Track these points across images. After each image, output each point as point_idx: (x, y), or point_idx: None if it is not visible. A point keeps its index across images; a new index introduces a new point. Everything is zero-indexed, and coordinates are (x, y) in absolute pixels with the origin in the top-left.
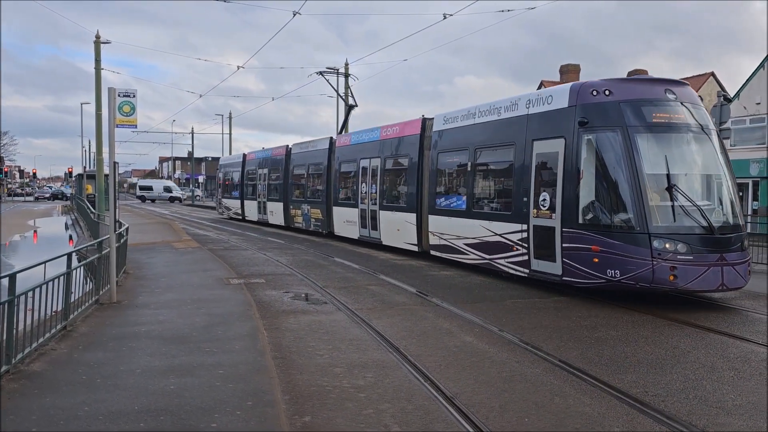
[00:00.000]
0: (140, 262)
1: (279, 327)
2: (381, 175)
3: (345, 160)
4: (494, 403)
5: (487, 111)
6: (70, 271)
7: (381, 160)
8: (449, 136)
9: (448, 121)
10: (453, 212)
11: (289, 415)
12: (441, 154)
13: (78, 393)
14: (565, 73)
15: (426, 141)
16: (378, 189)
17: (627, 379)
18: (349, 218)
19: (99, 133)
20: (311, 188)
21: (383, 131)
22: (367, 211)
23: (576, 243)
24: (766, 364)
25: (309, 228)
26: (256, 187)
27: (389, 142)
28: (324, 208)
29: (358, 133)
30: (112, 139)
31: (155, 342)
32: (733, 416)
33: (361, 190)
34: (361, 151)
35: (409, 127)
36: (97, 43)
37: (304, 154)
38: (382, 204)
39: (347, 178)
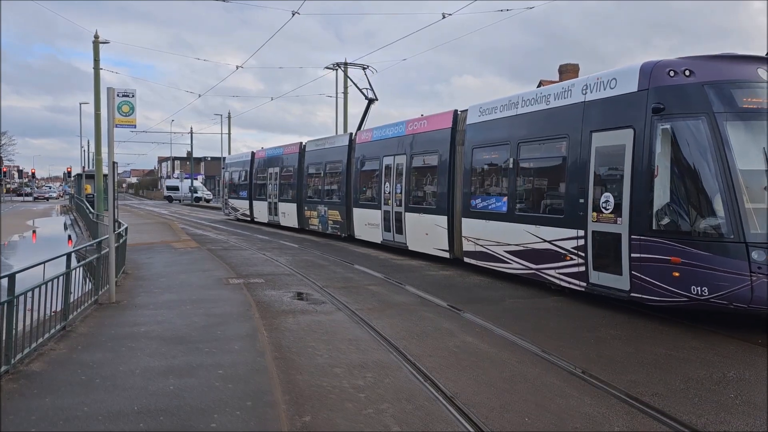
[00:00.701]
0: (139, 263)
1: (278, 327)
2: (407, 173)
3: (366, 157)
4: (495, 403)
5: (532, 100)
6: (69, 271)
7: (407, 158)
8: (486, 130)
9: (485, 112)
10: (491, 215)
11: (289, 416)
12: (477, 150)
13: (77, 393)
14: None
15: (458, 136)
16: (403, 189)
17: (628, 378)
18: (371, 221)
19: (98, 133)
20: (328, 188)
21: (409, 126)
22: (391, 213)
23: (649, 253)
24: (766, 364)
25: (326, 231)
26: (267, 187)
27: (416, 138)
28: (343, 210)
29: (381, 128)
30: (111, 139)
31: (154, 342)
32: (734, 415)
33: (385, 191)
34: (385, 147)
35: (438, 121)
36: (95, 43)
37: (320, 152)
38: (408, 205)
39: (369, 177)
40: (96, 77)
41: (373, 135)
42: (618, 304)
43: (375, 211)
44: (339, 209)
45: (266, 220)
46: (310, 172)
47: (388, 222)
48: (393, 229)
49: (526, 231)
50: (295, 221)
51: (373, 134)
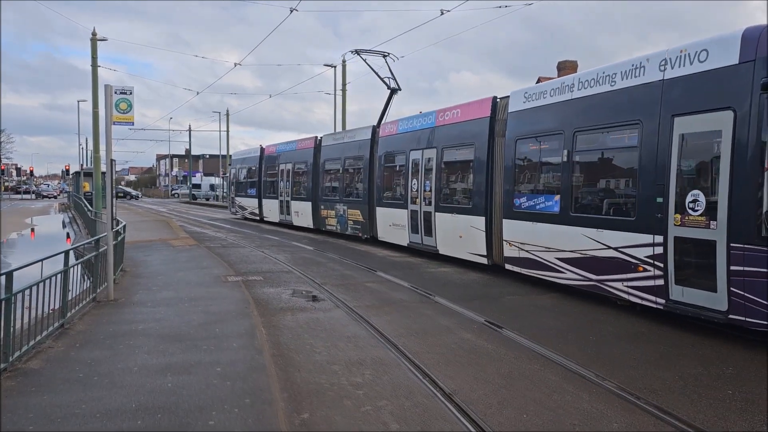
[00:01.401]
0: (138, 260)
1: (277, 325)
2: (437, 169)
3: (391, 152)
4: (493, 399)
5: (592, 81)
6: (67, 269)
7: (437, 152)
8: (533, 118)
9: (531, 98)
10: (540, 216)
11: (287, 413)
12: (521, 142)
13: (75, 391)
14: (563, 69)
15: (498, 126)
16: (433, 186)
17: (626, 375)
18: (397, 221)
19: (96, 131)
20: (348, 186)
21: (440, 116)
22: (420, 213)
23: (757, 266)
24: (766, 364)
25: (345, 231)
26: (278, 185)
27: (448, 130)
28: (365, 209)
29: (408, 119)
30: (109, 136)
31: (152, 340)
32: (732, 411)
33: (412, 188)
34: (412, 141)
35: (473, 110)
36: (93, 41)
37: (338, 147)
38: (439, 205)
39: (394, 174)
40: (94, 75)
41: (399, 127)
42: (613, 303)
43: (401, 211)
44: (360, 208)
45: (277, 220)
46: (327, 169)
47: (416, 223)
48: (421, 231)
49: (585, 235)
50: (309, 221)
51: (398, 126)
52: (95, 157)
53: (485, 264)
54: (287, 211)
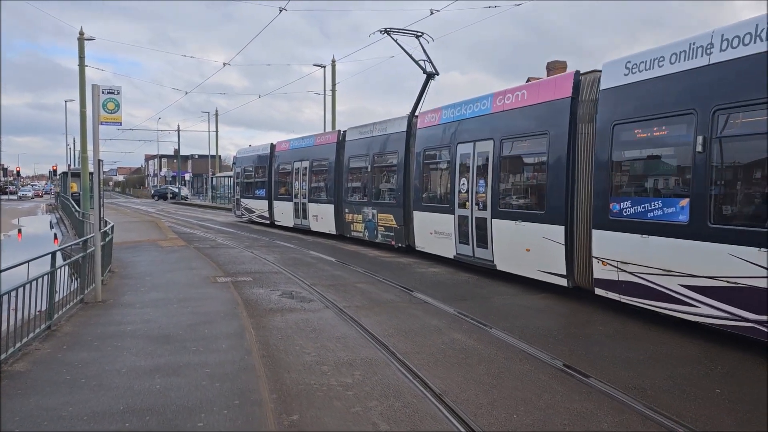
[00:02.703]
0: (126, 261)
1: (266, 326)
2: (494, 166)
3: (432, 145)
4: (483, 399)
5: (740, 37)
6: (54, 270)
7: (495, 144)
8: (640, 96)
9: (638, 68)
10: (655, 227)
11: (277, 414)
12: (622, 127)
13: (62, 393)
14: (552, 69)
15: (583, 108)
16: (489, 187)
17: (615, 375)
18: (440, 228)
19: (83, 131)
20: (378, 186)
21: (497, 100)
22: (470, 220)
23: None
24: (766, 364)
25: (374, 239)
26: (292, 185)
27: (509, 116)
28: (399, 213)
29: (453, 106)
30: (97, 136)
31: (141, 341)
32: (721, 409)
33: (460, 189)
34: (459, 131)
35: (547, 90)
36: (80, 40)
37: (365, 141)
38: (497, 209)
39: (436, 172)
40: (81, 74)
41: (442, 116)
42: (605, 303)
43: (445, 217)
44: (393, 213)
45: (291, 224)
46: (353, 167)
47: (466, 231)
48: (473, 241)
49: (735, 256)
50: (331, 226)
51: (441, 115)
52: (83, 157)
53: (564, 285)
54: (303, 215)
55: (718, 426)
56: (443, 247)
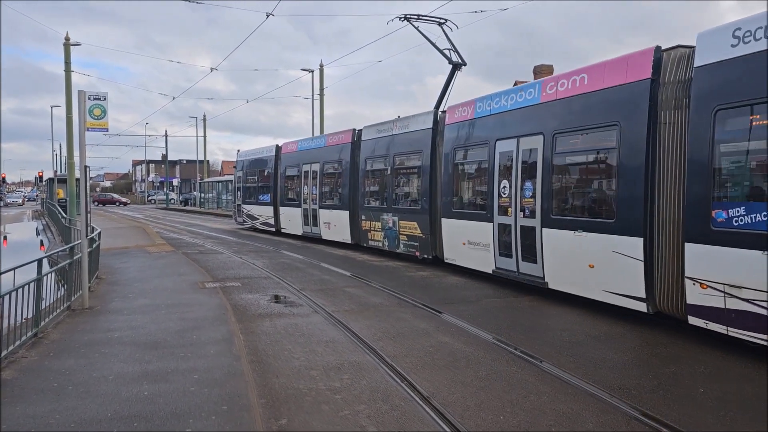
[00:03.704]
0: (113, 267)
1: (255, 331)
2: (544, 164)
3: (464, 143)
4: (470, 402)
5: None
6: (40, 277)
7: (545, 140)
8: (758, 71)
9: (751, 37)
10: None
11: (265, 419)
12: (727, 114)
13: (49, 401)
14: (539, 73)
15: (667, 92)
16: (538, 189)
17: (601, 375)
18: (474, 238)
19: (70, 137)
20: (400, 190)
21: (548, 87)
22: (514, 228)
23: None
24: (737, 363)
25: (395, 249)
26: (301, 189)
27: (564, 106)
28: (424, 221)
29: (491, 98)
30: (83, 142)
31: (128, 348)
32: (702, 409)
33: (500, 192)
34: (499, 126)
35: (617, 71)
36: (66, 45)
37: (384, 141)
38: (549, 217)
39: (470, 173)
40: (67, 80)
41: (477, 110)
42: (591, 305)
43: (482, 225)
44: (418, 220)
45: (299, 232)
46: (370, 169)
47: (508, 242)
48: (517, 254)
49: None
50: (346, 234)
51: (475, 109)
52: (69, 163)
53: (642, 311)
54: (314, 222)
55: (702, 425)
56: (478, 259)
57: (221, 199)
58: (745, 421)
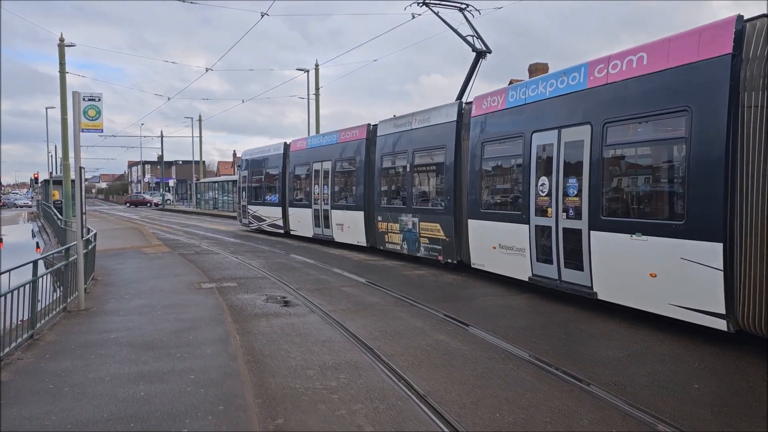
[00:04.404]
0: (109, 269)
1: (251, 331)
2: (593, 158)
3: (494, 137)
4: (466, 400)
5: None
6: (36, 279)
7: (593, 130)
8: None
9: None
10: None
11: (262, 419)
12: None
13: (45, 402)
14: (534, 71)
15: (753, 68)
16: (585, 187)
17: (596, 372)
18: (507, 241)
19: (65, 138)
20: (420, 188)
21: (596, 70)
22: (555, 231)
23: None
24: (732, 359)
25: (415, 253)
26: (312, 189)
27: (618, 90)
28: (448, 222)
29: (525, 85)
30: (77, 144)
31: (124, 349)
32: (699, 404)
33: (538, 191)
34: (537, 117)
35: (687, 47)
36: (61, 46)
37: (403, 136)
38: (599, 217)
39: (501, 170)
40: (62, 81)
41: (509, 99)
42: (586, 303)
43: (516, 227)
44: (441, 221)
45: (310, 234)
46: (387, 166)
47: (548, 246)
48: (558, 260)
49: None
50: (360, 236)
51: (507, 98)
52: (65, 164)
53: (721, 330)
54: (325, 224)
55: (696, 420)
56: (512, 265)
57: (217, 200)
58: (741, 417)
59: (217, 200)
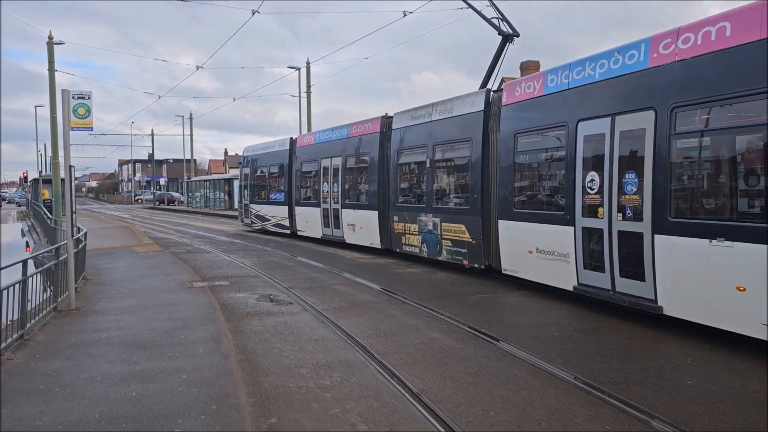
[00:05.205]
0: (100, 268)
1: (243, 329)
2: (658, 150)
3: (530, 127)
4: (460, 398)
5: None
6: (25, 278)
7: (657, 117)
8: None
9: None
10: None
11: (255, 418)
12: None
13: (35, 403)
14: (526, 69)
15: None
16: (645, 184)
17: (590, 369)
18: (546, 245)
19: (54, 137)
20: (442, 185)
21: (660, 47)
22: (608, 233)
23: None
24: (724, 355)
25: (436, 256)
26: (320, 187)
27: (690, 70)
28: (475, 222)
29: (569, 67)
30: (67, 142)
31: (116, 348)
32: (690, 401)
33: (586, 187)
34: (582, 104)
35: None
36: (50, 44)
37: (422, 129)
38: (667, 219)
39: (538, 164)
40: (51, 79)
41: (548, 84)
42: (579, 300)
43: (557, 228)
44: (466, 221)
45: (318, 235)
46: (404, 162)
47: (598, 251)
48: (612, 268)
49: None
50: (374, 238)
51: (546, 83)
52: (54, 163)
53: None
54: (335, 224)
55: (689, 416)
56: (552, 272)
57: (209, 198)
58: (733, 413)
59: (208, 198)
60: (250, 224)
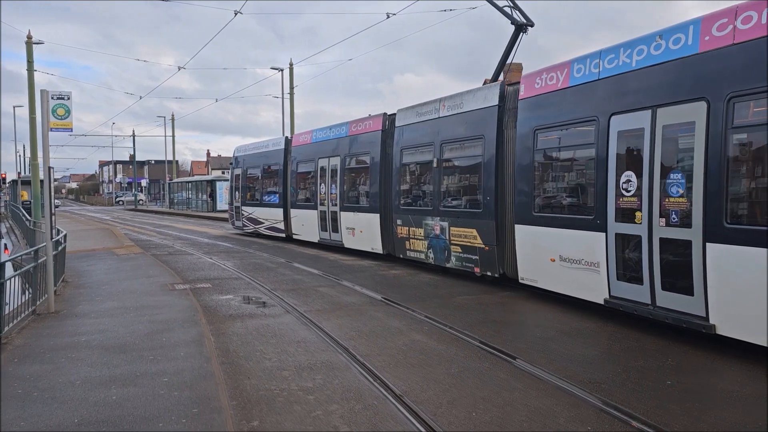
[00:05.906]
0: (80, 270)
1: (225, 332)
2: (710, 147)
3: (552, 123)
4: (443, 399)
5: None
6: (3, 281)
7: (709, 109)
8: None
9: None
10: None
11: (237, 421)
12: None
13: (13, 408)
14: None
15: None
16: (695, 185)
17: (572, 370)
18: (572, 252)
19: (33, 138)
20: (451, 187)
21: (713, 28)
22: (647, 242)
23: None
24: (702, 356)
25: (444, 263)
26: (317, 189)
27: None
28: (487, 228)
29: (599, 55)
30: (46, 143)
31: (96, 352)
32: (671, 400)
33: (621, 189)
34: (615, 96)
35: None
36: (29, 44)
37: (427, 126)
38: (720, 225)
39: (562, 163)
40: (30, 79)
41: (574, 74)
42: (562, 301)
43: (585, 234)
44: (479, 226)
45: (316, 239)
46: (408, 161)
47: (635, 260)
48: (652, 279)
49: None
50: (375, 242)
51: (572, 73)
52: (33, 164)
53: None
54: (333, 227)
55: (669, 416)
56: (578, 283)
57: (191, 200)
58: (711, 412)
59: (190, 200)
60: (241, 227)
